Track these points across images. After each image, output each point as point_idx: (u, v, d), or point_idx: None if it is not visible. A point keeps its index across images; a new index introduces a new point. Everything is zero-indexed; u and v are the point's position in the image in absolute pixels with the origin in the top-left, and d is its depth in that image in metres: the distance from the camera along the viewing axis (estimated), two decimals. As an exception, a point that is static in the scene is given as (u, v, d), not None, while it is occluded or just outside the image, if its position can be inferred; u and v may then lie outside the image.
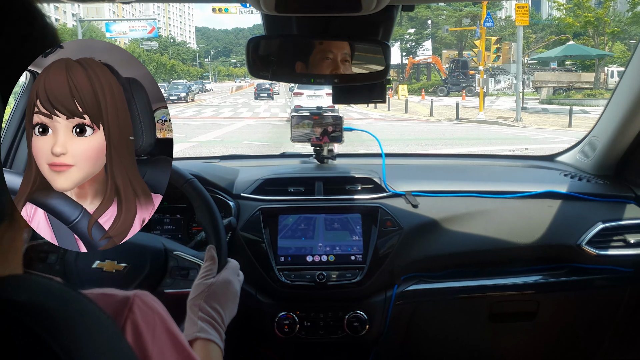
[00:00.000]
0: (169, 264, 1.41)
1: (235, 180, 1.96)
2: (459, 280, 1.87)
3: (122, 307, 0.67)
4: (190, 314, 1.13)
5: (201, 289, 1.16)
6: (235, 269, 1.27)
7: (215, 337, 1.09)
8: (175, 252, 1.43)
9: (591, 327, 2.00)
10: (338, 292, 1.77)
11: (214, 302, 1.14)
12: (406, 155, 2.84)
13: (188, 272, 1.41)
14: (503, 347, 2.04)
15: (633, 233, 1.87)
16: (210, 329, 1.09)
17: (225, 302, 1.17)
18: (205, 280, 1.18)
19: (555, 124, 17.22)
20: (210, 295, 1.15)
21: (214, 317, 1.12)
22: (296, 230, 1.82)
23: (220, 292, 1.17)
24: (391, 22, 1.43)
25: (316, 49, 1.41)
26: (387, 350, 1.91)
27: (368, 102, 1.74)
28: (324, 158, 2.13)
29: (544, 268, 1.91)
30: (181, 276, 1.41)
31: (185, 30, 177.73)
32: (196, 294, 1.16)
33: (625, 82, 1.89)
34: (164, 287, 1.39)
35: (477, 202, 1.92)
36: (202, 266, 1.22)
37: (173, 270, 1.41)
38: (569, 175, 2.10)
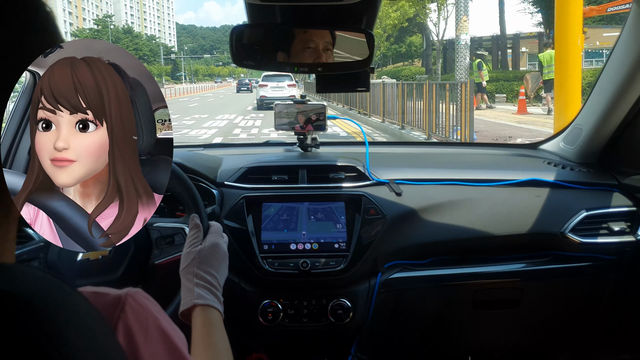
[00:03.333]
0: (152, 237, 1.44)
1: (218, 169, 1.95)
2: (442, 268, 1.88)
3: (114, 307, 0.67)
4: (186, 282, 1.13)
5: (192, 257, 1.17)
6: (219, 231, 1.28)
7: (214, 302, 1.10)
8: (155, 225, 1.46)
9: (575, 314, 2.02)
10: (322, 280, 1.77)
11: (207, 266, 1.16)
12: (390, 143, 2.84)
13: (173, 238, 1.45)
14: (487, 334, 2.06)
15: (616, 221, 1.89)
16: (207, 294, 1.10)
17: (217, 264, 1.18)
18: (194, 248, 1.19)
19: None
20: (202, 260, 1.16)
21: (210, 281, 1.13)
22: (280, 219, 1.82)
23: (211, 256, 1.18)
24: (374, 11, 1.42)
25: (297, 38, 1.41)
26: (371, 337, 1.92)
27: (353, 91, 1.73)
28: (307, 146, 2.13)
29: (527, 256, 1.92)
30: (167, 244, 1.44)
31: (164, 25, 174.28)
32: (187, 262, 1.17)
33: (609, 70, 1.89)
34: (153, 259, 1.42)
35: (460, 191, 1.92)
36: (188, 235, 1.23)
37: (158, 241, 1.44)
38: (552, 163, 2.11)
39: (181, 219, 1.51)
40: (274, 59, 1.43)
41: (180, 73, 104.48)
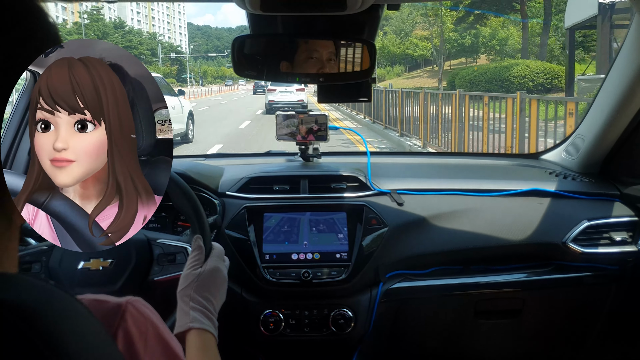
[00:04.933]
0: (155, 253, 1.44)
1: (220, 179, 1.95)
2: (444, 278, 1.87)
3: (114, 314, 0.67)
4: (182, 305, 1.13)
5: (190, 279, 1.16)
6: (220, 254, 1.27)
7: (209, 326, 1.09)
8: (158, 241, 1.45)
9: (576, 324, 2.01)
10: (323, 290, 1.77)
11: (204, 291, 1.15)
12: (391, 153, 2.84)
13: (175, 257, 1.44)
14: (488, 344, 2.05)
15: (618, 231, 1.88)
16: (203, 318, 1.10)
17: (216, 289, 1.17)
18: (194, 270, 1.18)
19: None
20: (200, 284, 1.15)
21: (206, 305, 1.13)
22: (281, 229, 1.81)
23: (210, 280, 1.17)
24: (376, 22, 1.43)
25: (301, 48, 1.41)
26: (372, 347, 1.91)
27: (354, 101, 1.73)
28: (309, 156, 2.13)
29: (529, 266, 1.92)
30: (168, 262, 1.43)
31: (174, 25, 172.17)
32: (186, 284, 1.16)
33: (611, 79, 1.90)
34: (153, 275, 1.41)
35: (462, 201, 1.92)
36: (190, 256, 1.22)
37: (160, 258, 1.43)
38: (554, 173, 2.11)
39: (185, 237, 1.50)
40: (276, 69, 1.43)
41: (185, 75, 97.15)
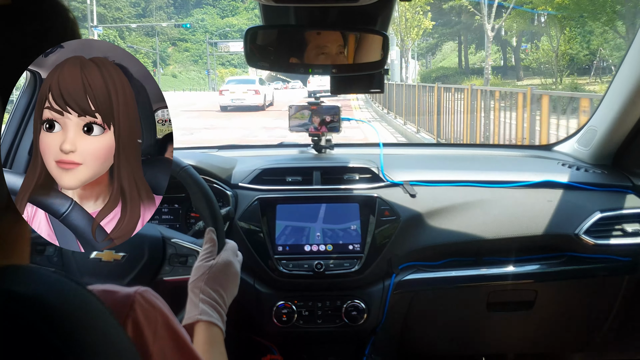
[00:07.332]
0: (167, 252, 1.43)
1: (233, 170, 1.96)
2: (456, 270, 1.88)
3: (123, 304, 0.67)
4: (192, 297, 1.13)
5: (202, 271, 1.16)
6: (234, 249, 1.27)
7: (217, 320, 1.09)
8: (173, 240, 1.44)
9: (589, 316, 2.01)
10: (336, 282, 1.77)
11: (215, 284, 1.15)
12: (404, 144, 2.84)
13: (187, 259, 1.43)
14: (501, 335, 2.05)
15: (631, 222, 1.87)
16: (212, 311, 1.10)
17: (227, 283, 1.17)
18: (206, 262, 1.18)
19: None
20: (211, 277, 1.15)
21: (216, 299, 1.13)
22: (294, 220, 1.82)
23: (221, 273, 1.17)
24: (389, 12, 1.43)
25: (312, 43, 1.41)
26: (385, 339, 1.92)
27: (367, 92, 1.73)
28: (321, 148, 2.13)
29: (541, 257, 1.91)
30: (180, 263, 1.42)
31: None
32: (197, 276, 1.16)
33: (624, 71, 1.89)
34: (163, 275, 1.41)
35: (475, 192, 1.92)
36: (202, 248, 1.23)
37: (171, 258, 1.43)
38: (566, 164, 2.10)
39: (200, 240, 1.51)
40: (288, 60, 1.44)
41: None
